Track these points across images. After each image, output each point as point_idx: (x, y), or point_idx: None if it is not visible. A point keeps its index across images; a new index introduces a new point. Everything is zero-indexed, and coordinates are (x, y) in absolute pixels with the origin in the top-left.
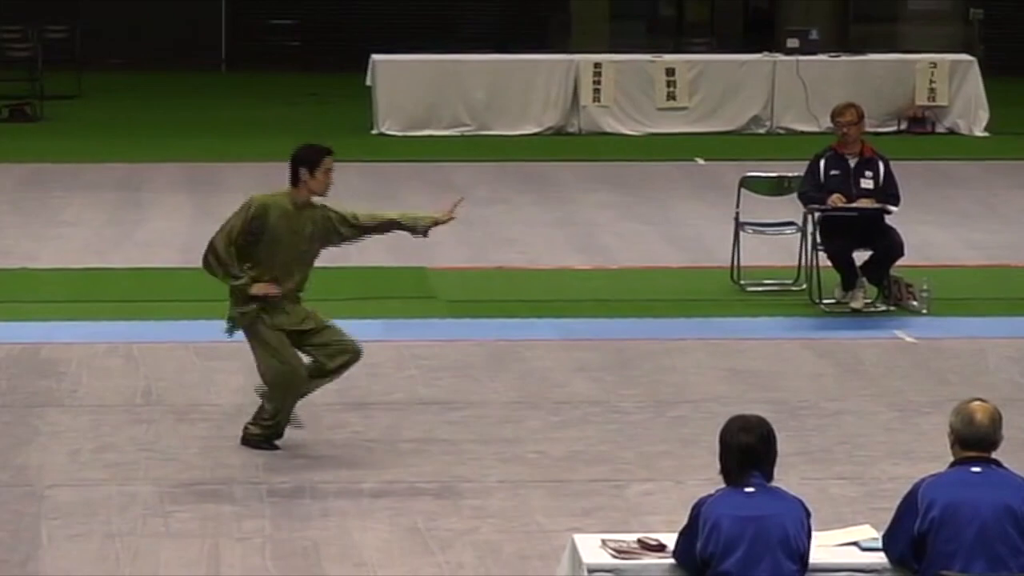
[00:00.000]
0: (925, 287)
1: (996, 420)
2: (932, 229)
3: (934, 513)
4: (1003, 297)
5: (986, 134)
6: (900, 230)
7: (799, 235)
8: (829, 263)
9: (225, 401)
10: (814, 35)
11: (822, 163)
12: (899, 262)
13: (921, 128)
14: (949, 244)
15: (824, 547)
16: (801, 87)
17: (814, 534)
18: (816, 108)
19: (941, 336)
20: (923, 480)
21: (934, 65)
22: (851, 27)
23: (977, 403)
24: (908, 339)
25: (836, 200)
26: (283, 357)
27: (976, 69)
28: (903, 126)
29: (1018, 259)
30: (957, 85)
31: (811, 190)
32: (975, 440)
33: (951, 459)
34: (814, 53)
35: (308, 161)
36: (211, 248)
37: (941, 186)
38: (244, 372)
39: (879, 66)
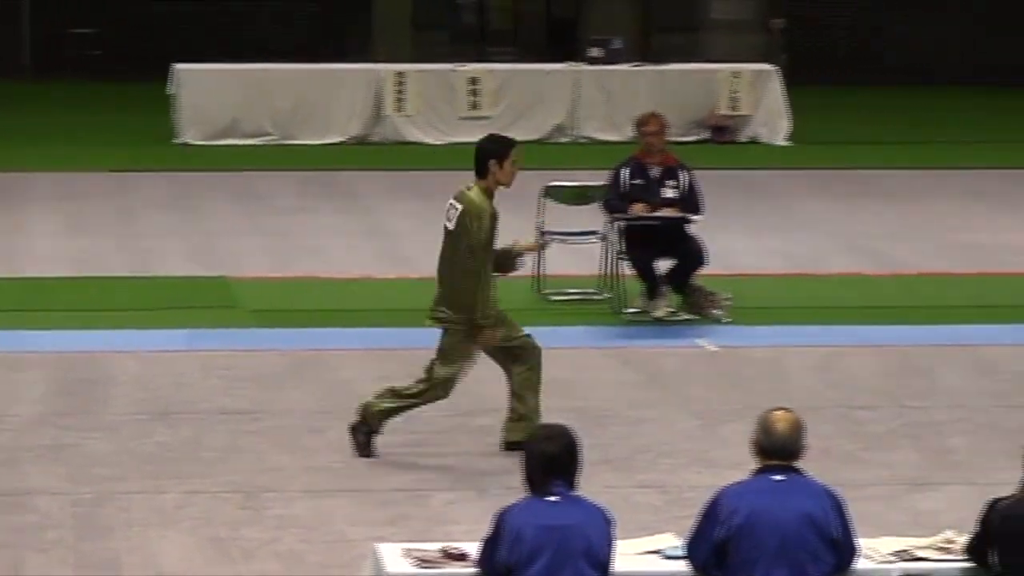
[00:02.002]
0: (727, 296)
1: (797, 429)
2: (734, 238)
3: (736, 521)
4: (804, 305)
5: (787, 143)
6: (702, 239)
7: (602, 244)
8: (632, 272)
9: (26, 411)
10: (617, 45)
11: (625, 172)
12: (701, 271)
13: (723, 137)
14: (751, 253)
15: (627, 555)
16: (604, 96)
17: (617, 543)
18: (619, 117)
19: (743, 344)
20: (725, 488)
21: (736, 75)
22: (654, 37)
23: (779, 412)
24: (710, 347)
25: (639, 209)
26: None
27: (777, 78)
28: (705, 135)
29: (818, 267)
30: (758, 94)
31: (614, 199)
32: (776, 448)
33: (753, 467)
34: (617, 62)
35: (497, 153)
36: (477, 277)
37: (743, 195)
38: (46, 382)
39: (681, 76)
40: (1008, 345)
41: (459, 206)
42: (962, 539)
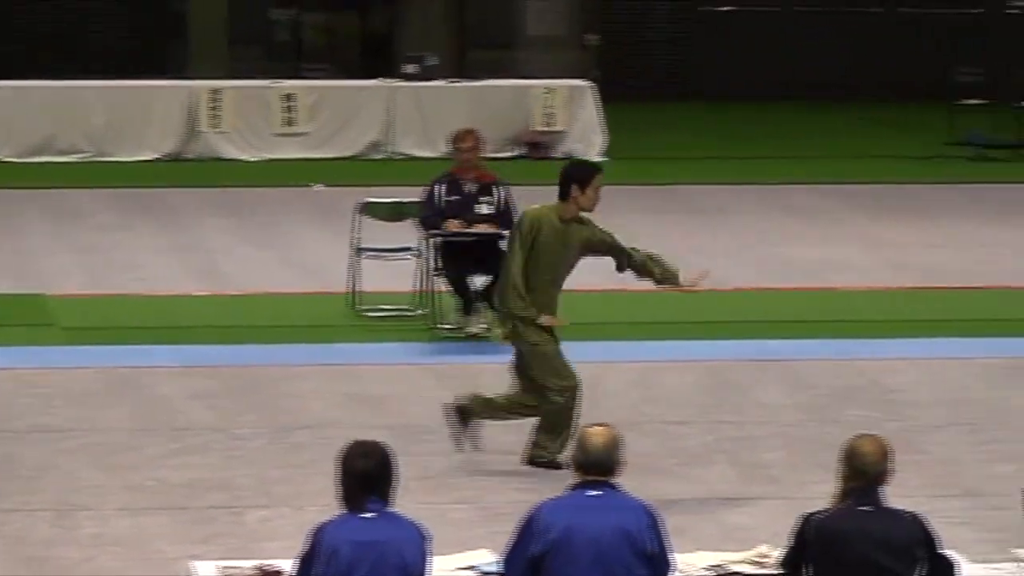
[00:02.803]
0: None
1: (613, 444)
2: None
3: (551, 536)
4: (624, 321)
5: (602, 158)
6: None
7: (417, 260)
8: (447, 288)
9: None
10: (432, 61)
11: (440, 188)
12: None
13: (538, 153)
14: None
15: (443, 572)
16: (419, 113)
17: (433, 559)
18: (434, 133)
19: None
20: (541, 504)
21: (551, 91)
22: (469, 53)
23: (595, 428)
24: None
25: (454, 226)
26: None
27: (592, 94)
28: (521, 151)
29: (634, 283)
30: (573, 110)
31: (429, 215)
32: (591, 464)
33: (570, 482)
34: (432, 79)
35: (580, 179)
36: (511, 281)
37: None
38: None
39: (496, 92)
40: (822, 360)
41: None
42: (776, 553)
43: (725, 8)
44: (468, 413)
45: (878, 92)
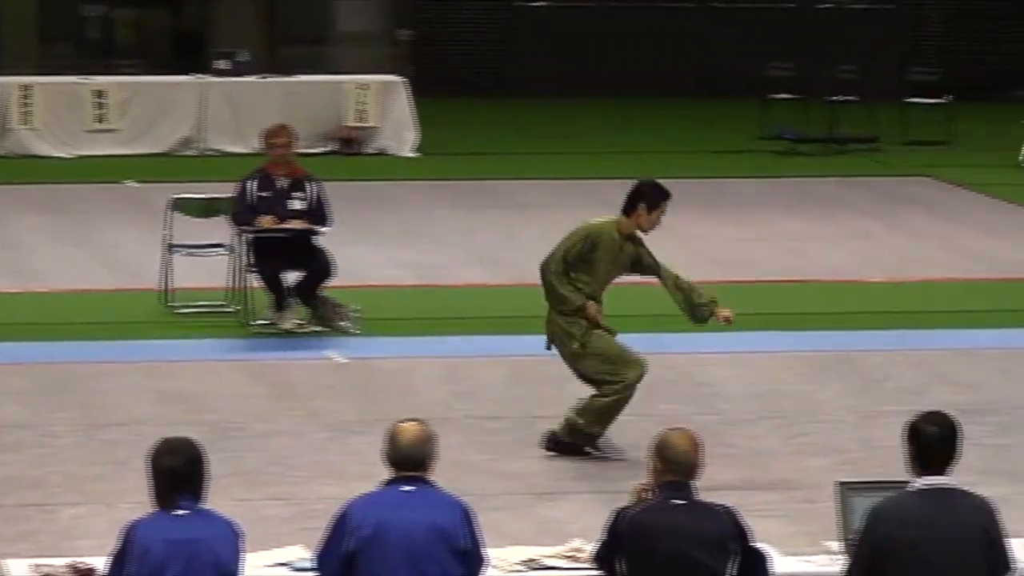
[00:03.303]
0: (355, 307)
1: (426, 440)
2: (363, 249)
3: (364, 532)
4: (433, 316)
5: (415, 154)
6: (331, 251)
7: (230, 257)
8: (260, 284)
9: None
10: (244, 57)
11: (252, 184)
12: (330, 282)
13: (351, 149)
14: (379, 264)
15: (256, 568)
16: (231, 109)
17: (246, 556)
18: (247, 129)
19: (372, 356)
20: (354, 500)
21: (363, 86)
22: (281, 48)
23: (407, 423)
24: (339, 359)
25: (266, 222)
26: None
27: (404, 90)
28: (333, 147)
29: (447, 278)
30: (386, 106)
31: (242, 211)
32: (403, 460)
33: (382, 478)
34: (244, 75)
35: (651, 200)
36: (549, 266)
37: (371, 207)
38: None
39: (309, 87)
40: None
41: None
42: (590, 548)
43: (540, 4)
44: (575, 438)
45: (691, 87)
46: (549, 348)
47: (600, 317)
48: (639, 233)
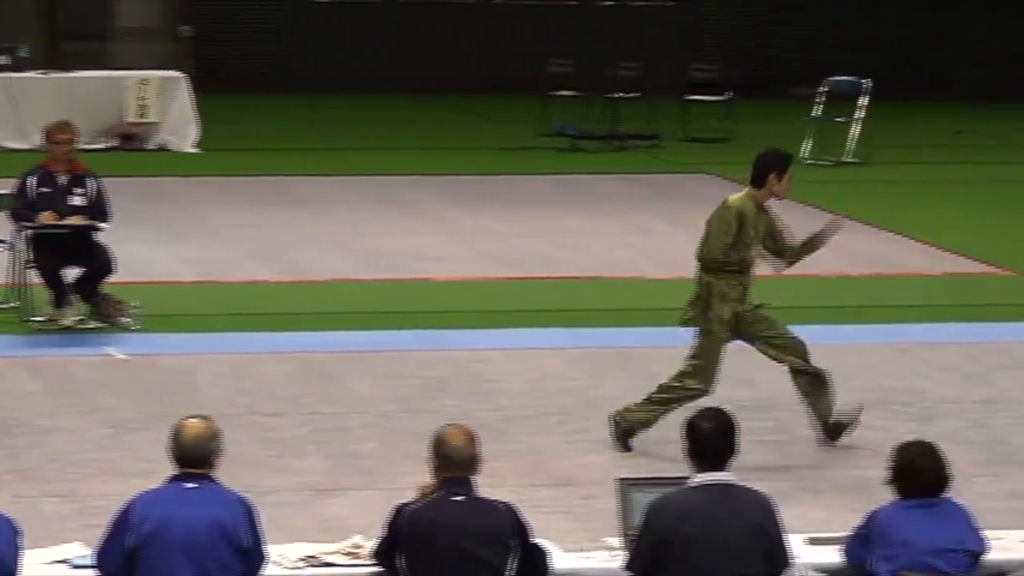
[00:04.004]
0: (136, 303)
1: (208, 436)
2: (144, 245)
3: (146, 529)
4: (215, 313)
5: (196, 150)
6: (112, 247)
7: (10, 253)
8: (40, 280)
9: None
10: (23, 52)
11: (32, 181)
12: (111, 279)
13: (132, 145)
14: (160, 260)
15: (35, 565)
16: (12, 104)
17: (24, 552)
18: (27, 125)
19: (153, 352)
20: (137, 496)
21: (144, 82)
22: (62, 44)
23: (191, 420)
24: (119, 356)
25: (46, 218)
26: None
27: (186, 86)
28: (114, 143)
29: (229, 274)
30: (167, 102)
31: (21, 208)
32: (185, 456)
33: (164, 475)
34: (24, 70)
35: (779, 167)
36: (713, 252)
37: (153, 203)
38: None
39: (90, 83)
40: (415, 350)
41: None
42: (370, 544)
43: (324, 0)
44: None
45: (473, 84)
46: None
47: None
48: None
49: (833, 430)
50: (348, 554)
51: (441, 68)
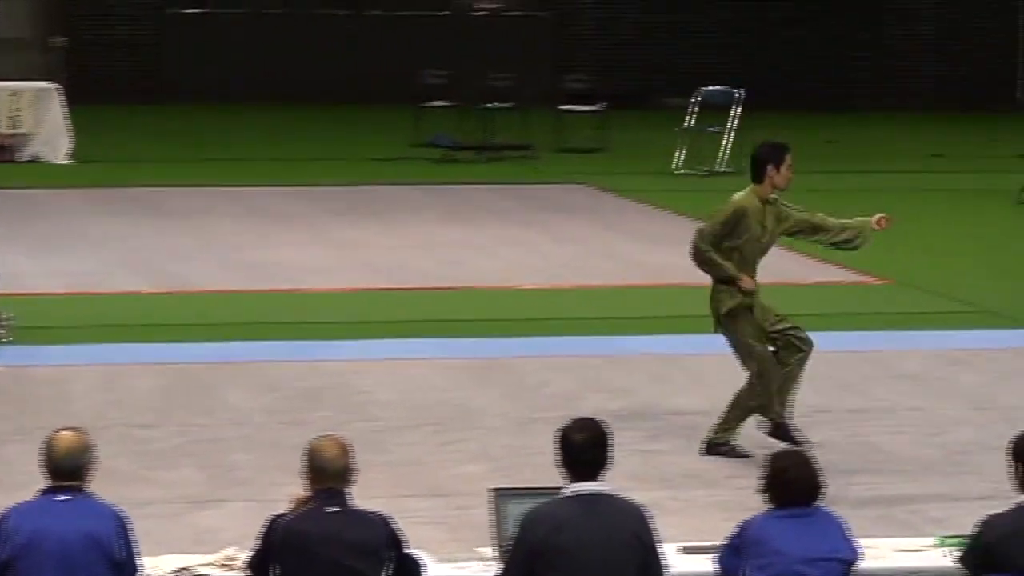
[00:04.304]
0: (8, 315)
1: (81, 448)
2: (16, 257)
3: (19, 540)
4: (88, 324)
5: (69, 161)
6: None
7: None
8: None
9: None
10: None
11: None
12: None
13: (4, 156)
14: (34, 272)
15: None
16: None
17: None
18: None
19: (26, 364)
20: (10, 508)
21: (16, 93)
22: None
23: (63, 432)
24: None
25: None
26: (764, 345)
27: (58, 97)
28: None
29: (102, 286)
30: (40, 113)
31: None
32: (58, 469)
33: (37, 488)
34: None
35: (774, 158)
36: (696, 244)
37: (25, 214)
38: None
39: None
40: (289, 361)
41: None
42: (244, 556)
43: (194, 11)
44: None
45: (346, 94)
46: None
47: (755, 287)
48: (774, 195)
49: (778, 429)
50: (222, 566)
51: (313, 78)
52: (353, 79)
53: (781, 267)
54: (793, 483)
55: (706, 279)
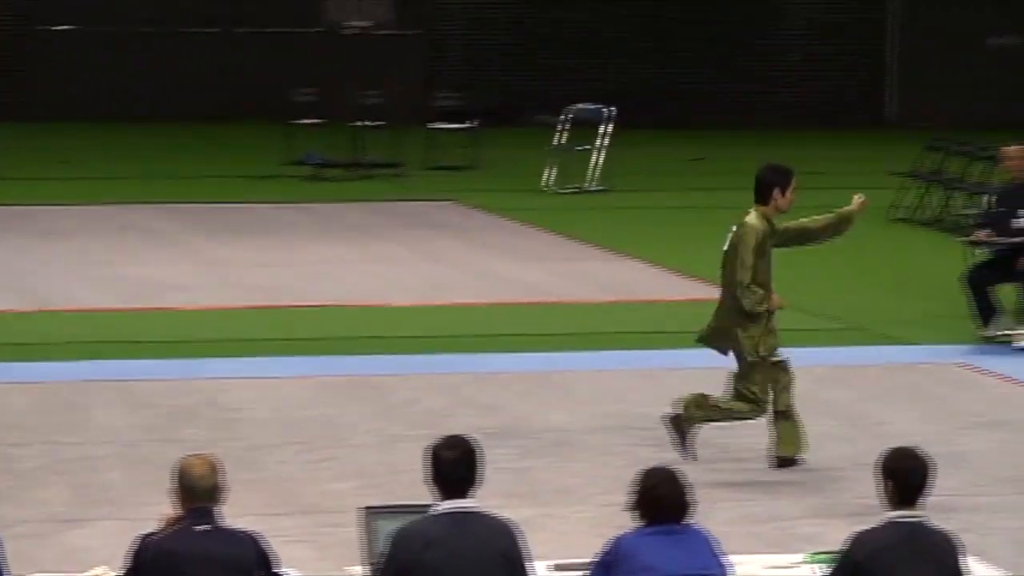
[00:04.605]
0: None
1: None
2: None
3: None
4: None
5: None
6: None
7: None
8: None
9: None
10: None
11: None
12: None
13: None
14: None
15: None
16: None
17: None
18: None
19: None
20: None
21: None
22: None
23: None
24: None
25: None
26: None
27: None
28: None
29: None
30: None
31: None
32: None
33: None
34: None
35: (781, 181)
36: (745, 283)
37: None
38: None
39: None
40: (160, 379)
41: (734, 227)
42: (113, 575)
43: (61, 27)
44: (684, 420)
45: (217, 112)
46: (726, 353)
47: (783, 302)
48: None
49: (676, 421)
50: None
51: (184, 96)
52: (223, 97)
53: (650, 283)
54: (662, 500)
55: (580, 296)
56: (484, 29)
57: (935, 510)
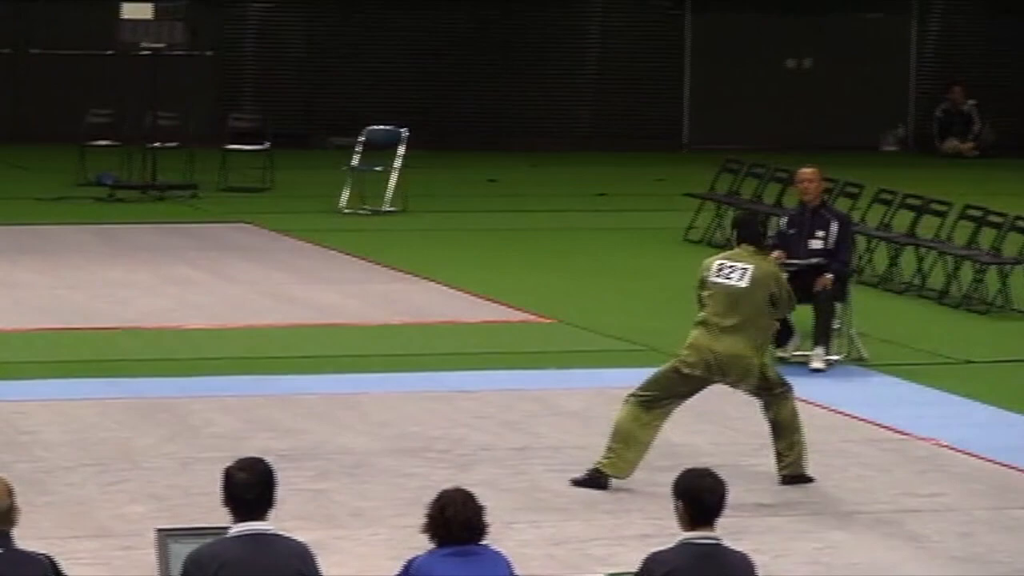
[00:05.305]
0: None
1: None
2: None
3: None
4: None
5: None
6: None
7: None
8: None
9: None
10: None
11: None
12: None
13: None
14: None
15: None
16: None
17: None
18: None
19: None
20: None
21: None
22: None
23: None
24: None
25: None
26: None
27: None
28: None
29: None
30: None
31: None
32: None
33: None
34: None
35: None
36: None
37: None
38: None
39: None
40: None
41: (747, 267)
42: None
43: None
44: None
45: (9, 133)
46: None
47: None
48: None
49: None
50: None
51: None
52: (15, 118)
53: (446, 305)
54: (452, 521)
55: (375, 318)
56: (278, 49)
57: (728, 531)
